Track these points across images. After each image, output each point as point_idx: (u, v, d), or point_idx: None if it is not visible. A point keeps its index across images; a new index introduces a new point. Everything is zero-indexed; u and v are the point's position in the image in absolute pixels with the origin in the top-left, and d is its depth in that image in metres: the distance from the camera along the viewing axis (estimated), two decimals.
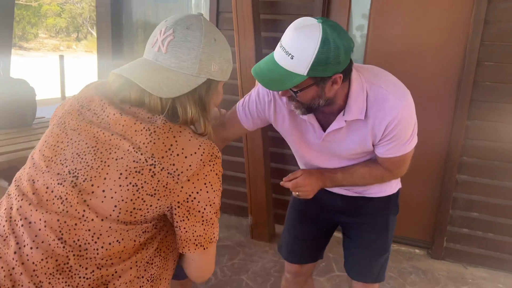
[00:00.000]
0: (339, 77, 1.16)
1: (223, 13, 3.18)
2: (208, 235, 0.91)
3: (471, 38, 2.60)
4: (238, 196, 3.38)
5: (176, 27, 0.89)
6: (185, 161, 0.84)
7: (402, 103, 1.24)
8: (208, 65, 0.90)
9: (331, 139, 1.35)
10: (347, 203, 1.55)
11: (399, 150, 1.33)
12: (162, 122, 0.86)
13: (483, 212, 2.79)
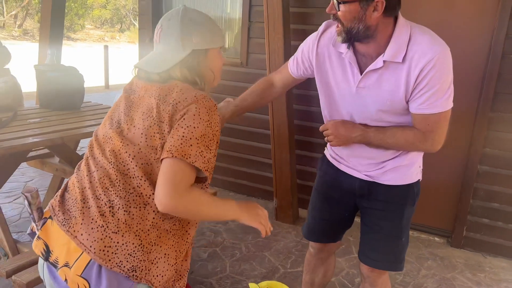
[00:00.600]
0: (381, 3, 1.22)
1: (255, 6, 3.34)
2: (183, 150, 1.03)
3: (496, 31, 2.64)
4: (265, 180, 3.57)
5: (163, 21, 1.19)
6: (182, 96, 1.10)
7: (440, 48, 1.27)
8: (189, 39, 1.16)
9: (366, 84, 1.37)
10: (363, 187, 1.58)
11: (434, 105, 1.31)
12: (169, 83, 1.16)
13: (504, 203, 2.83)
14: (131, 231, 1.05)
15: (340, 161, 1.64)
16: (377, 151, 1.49)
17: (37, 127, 2.31)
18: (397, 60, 1.30)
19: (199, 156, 1.05)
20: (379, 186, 1.55)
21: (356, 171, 1.59)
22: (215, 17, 3.71)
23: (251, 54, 3.46)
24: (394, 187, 1.54)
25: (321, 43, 1.49)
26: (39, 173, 3.89)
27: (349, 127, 1.45)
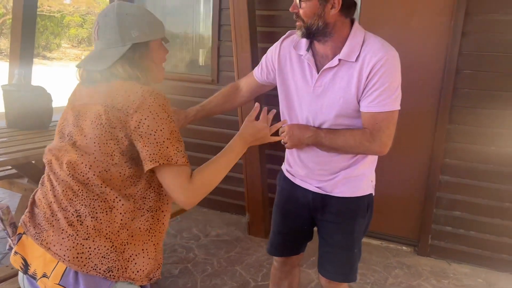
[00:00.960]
0: (338, 0, 1.35)
1: (224, 26, 3.44)
2: (164, 154, 1.08)
3: (450, 48, 2.79)
4: (237, 195, 3.61)
5: (99, 18, 1.19)
6: (128, 99, 1.09)
7: (390, 50, 1.39)
8: (128, 33, 1.16)
9: (323, 82, 1.46)
10: (317, 200, 1.64)
11: (383, 104, 1.39)
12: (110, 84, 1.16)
13: (465, 211, 2.95)
14: (101, 235, 1.10)
15: (294, 174, 1.71)
16: (328, 158, 1.56)
17: (3, 147, 2.31)
18: (351, 60, 1.41)
19: (178, 153, 1.10)
20: (332, 198, 1.61)
21: (309, 184, 1.65)
22: (187, 36, 3.79)
23: (221, 71, 3.54)
24: (345, 199, 1.60)
25: (283, 46, 1.60)
26: (8, 193, 3.84)
27: (302, 128, 1.53)
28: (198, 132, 3.65)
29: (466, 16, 2.72)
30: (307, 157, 1.61)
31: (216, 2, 3.42)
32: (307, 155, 1.61)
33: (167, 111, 1.11)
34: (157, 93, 1.12)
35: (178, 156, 1.10)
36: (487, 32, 2.70)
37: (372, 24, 3.01)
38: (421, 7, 2.89)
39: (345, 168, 1.57)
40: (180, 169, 1.12)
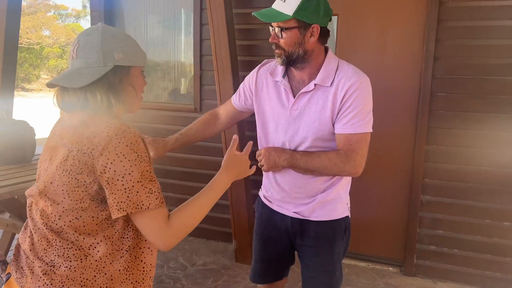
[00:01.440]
0: (317, 29, 1.45)
1: (205, 56, 3.52)
2: (133, 201, 1.03)
3: (423, 72, 2.92)
4: (223, 222, 3.60)
5: (80, 37, 1.14)
6: (93, 140, 1.04)
7: (363, 76, 1.50)
8: (111, 55, 1.11)
9: (299, 106, 1.53)
10: (295, 225, 1.67)
11: (356, 126, 1.47)
12: (80, 118, 1.10)
13: (448, 229, 3.01)
14: (75, 283, 1.08)
15: (271, 200, 1.75)
16: (304, 181, 1.59)
17: None
18: (326, 85, 1.50)
19: (150, 195, 1.05)
20: (310, 223, 1.64)
21: (286, 210, 1.68)
22: (169, 66, 3.85)
23: (203, 100, 3.60)
24: (323, 223, 1.63)
25: (260, 73, 1.67)
26: None
27: (279, 150, 1.57)
28: (183, 160, 3.66)
29: (437, 42, 2.85)
30: (284, 180, 1.65)
31: (197, 33, 3.50)
32: (283, 178, 1.65)
33: (136, 150, 1.05)
34: (124, 130, 1.05)
35: (150, 199, 1.05)
36: (457, 57, 2.84)
37: (348, 51, 3.13)
38: (394, 34, 3.02)
39: (321, 191, 1.61)
40: (154, 213, 1.07)
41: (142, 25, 3.86)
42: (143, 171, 1.05)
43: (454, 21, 2.81)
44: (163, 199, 1.09)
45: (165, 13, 3.77)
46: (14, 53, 3.96)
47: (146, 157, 1.07)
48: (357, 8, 3.09)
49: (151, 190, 1.06)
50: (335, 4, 3.13)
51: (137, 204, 1.04)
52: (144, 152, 1.07)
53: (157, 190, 1.08)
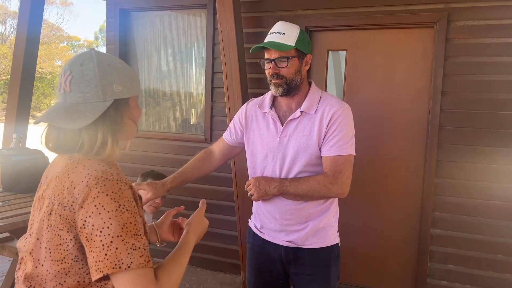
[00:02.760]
0: (309, 58, 1.64)
1: (217, 88, 3.60)
2: (112, 260, 0.89)
3: (432, 106, 2.96)
4: (231, 254, 3.58)
5: (72, 67, 1.00)
6: (73, 192, 0.93)
7: (345, 105, 1.64)
8: (110, 88, 1.00)
9: (287, 132, 1.63)
10: (289, 254, 1.69)
11: (342, 148, 1.58)
12: (64, 164, 1.00)
13: (459, 264, 2.97)
14: None
15: (262, 230, 1.77)
16: (294, 207, 1.64)
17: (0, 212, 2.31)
18: (310, 112, 1.63)
19: (133, 252, 0.91)
20: (303, 251, 1.67)
21: (278, 239, 1.70)
22: (181, 97, 3.94)
23: (214, 130, 3.65)
24: (317, 250, 1.67)
25: (249, 107, 1.79)
26: None
27: (268, 179, 1.64)
28: (193, 190, 3.68)
29: (444, 77, 2.91)
30: (274, 208, 1.69)
31: (209, 66, 3.60)
32: (273, 206, 1.69)
33: (118, 199, 0.92)
34: (106, 178, 0.94)
35: (133, 257, 0.90)
36: (465, 92, 2.89)
37: (355, 85, 3.20)
38: (401, 69, 3.09)
39: (311, 217, 1.66)
40: (138, 273, 0.91)
41: (156, 57, 3.98)
42: (125, 223, 0.91)
43: (461, 57, 2.88)
44: (149, 257, 0.95)
45: (178, 46, 3.90)
46: (31, 82, 4.08)
47: (130, 207, 0.94)
48: (365, 44, 3.18)
49: (134, 246, 0.92)
50: (343, 39, 3.23)
51: (115, 263, 0.89)
52: (129, 202, 0.95)
53: (143, 246, 0.94)
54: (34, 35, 3.93)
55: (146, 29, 3.98)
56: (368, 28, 3.15)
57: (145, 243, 0.95)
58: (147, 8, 3.89)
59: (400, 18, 3.01)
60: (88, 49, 1.05)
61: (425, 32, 3.01)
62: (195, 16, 3.77)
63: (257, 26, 3.42)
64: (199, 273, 3.64)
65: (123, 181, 0.97)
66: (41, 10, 4.00)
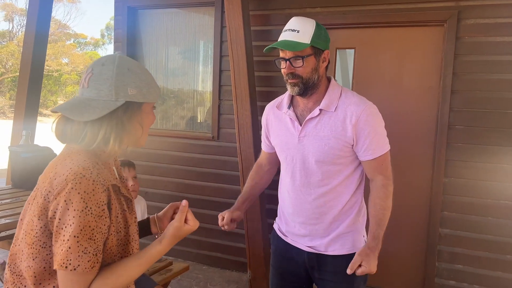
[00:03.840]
0: (327, 54, 1.56)
1: (224, 86, 3.60)
2: (62, 257, 0.94)
3: (441, 105, 2.94)
4: (238, 251, 3.59)
5: (94, 66, 1.07)
6: (53, 183, 0.98)
7: (366, 103, 1.56)
8: (124, 90, 1.04)
9: (306, 132, 1.58)
10: (312, 259, 1.66)
11: (382, 148, 1.56)
12: (60, 155, 1.06)
13: (467, 264, 2.96)
14: None
15: (286, 234, 1.75)
16: (318, 211, 1.61)
17: (9, 208, 2.33)
18: (330, 110, 1.56)
19: (83, 255, 0.95)
20: (326, 257, 1.63)
21: (301, 244, 1.68)
22: (188, 95, 3.94)
23: (221, 129, 3.65)
24: (340, 257, 1.62)
25: (267, 111, 1.79)
26: (5, 254, 3.77)
27: (365, 253, 1.50)
28: (200, 188, 3.69)
29: (454, 76, 2.89)
30: (297, 211, 1.66)
31: (217, 64, 3.60)
32: (296, 210, 1.66)
33: (87, 200, 0.95)
34: (84, 176, 0.97)
35: (80, 260, 0.94)
36: (475, 90, 2.87)
37: (364, 84, 3.18)
38: (410, 68, 3.07)
39: (335, 221, 1.62)
40: (78, 277, 0.96)
41: (163, 55, 3.98)
42: (84, 226, 0.95)
43: (472, 55, 2.85)
44: (95, 263, 0.98)
45: (185, 44, 3.90)
46: (39, 80, 4.11)
47: (96, 211, 0.97)
48: (374, 42, 3.16)
49: (86, 249, 0.95)
50: (352, 38, 3.21)
51: (63, 261, 0.94)
52: (97, 204, 0.97)
53: (93, 251, 0.97)
54: (42, 33, 3.95)
55: (153, 26, 3.99)
56: (377, 26, 3.13)
57: (97, 249, 0.98)
58: (155, 5, 3.89)
59: (410, 16, 2.99)
60: (117, 53, 1.11)
61: (435, 30, 2.98)
62: (203, 14, 3.77)
63: (265, 24, 3.41)
64: (206, 271, 3.65)
65: (99, 182, 0.98)
66: (49, 8, 4.02)
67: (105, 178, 1.02)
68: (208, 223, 3.67)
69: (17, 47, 23.91)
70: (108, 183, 1.02)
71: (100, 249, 0.99)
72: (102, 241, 1.00)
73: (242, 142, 3.26)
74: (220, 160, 3.64)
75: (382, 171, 1.60)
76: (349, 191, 1.62)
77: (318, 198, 1.61)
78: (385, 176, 1.61)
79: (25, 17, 14.90)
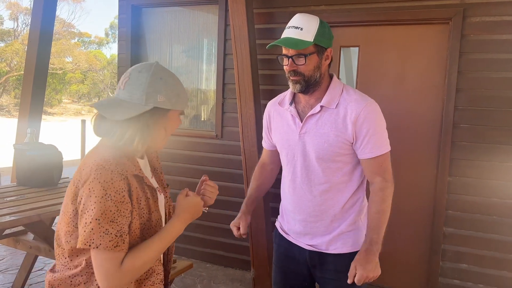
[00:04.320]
0: (330, 52, 1.56)
1: (228, 85, 3.60)
2: (85, 237, 1.06)
3: (446, 103, 2.93)
4: (242, 250, 3.59)
5: (132, 71, 1.19)
6: (82, 172, 1.11)
7: (367, 101, 1.55)
8: (154, 96, 1.15)
9: (307, 128, 1.58)
10: (314, 258, 1.65)
11: (381, 148, 1.54)
12: (93, 148, 1.19)
13: (472, 263, 2.94)
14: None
15: (288, 232, 1.74)
16: (319, 209, 1.61)
17: (14, 205, 2.34)
18: (331, 107, 1.56)
19: (104, 236, 1.06)
20: (328, 256, 1.63)
21: (302, 243, 1.68)
22: (192, 94, 3.94)
23: (225, 127, 3.65)
24: (342, 255, 1.61)
25: (269, 106, 1.78)
26: (10, 251, 3.79)
27: (363, 261, 1.50)
28: None
29: (459, 74, 2.88)
30: (297, 209, 1.66)
31: (221, 62, 3.60)
32: (297, 208, 1.66)
33: (107, 188, 1.07)
34: (104, 167, 1.09)
35: (103, 240, 1.06)
36: (480, 89, 2.85)
37: (368, 82, 3.17)
38: (415, 66, 3.06)
39: (336, 219, 1.61)
40: (105, 255, 1.08)
41: (167, 54, 3.99)
42: (105, 210, 1.07)
43: (477, 53, 2.84)
44: (119, 243, 1.08)
45: (189, 43, 3.90)
46: (44, 78, 4.12)
47: (116, 198, 1.08)
48: (378, 40, 3.15)
49: (107, 231, 1.07)
50: (356, 36, 3.20)
51: (87, 241, 1.06)
52: (117, 192, 1.09)
53: (116, 233, 1.08)
54: (47, 32, 3.96)
55: (157, 25, 3.99)
56: (381, 24, 3.12)
57: (119, 231, 1.09)
58: (158, 4, 3.89)
59: (415, 14, 2.97)
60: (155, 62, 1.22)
61: (440, 28, 2.97)
62: (206, 12, 3.76)
63: (269, 22, 3.41)
64: (210, 269, 3.65)
65: (118, 172, 1.11)
66: (54, 7, 4.04)
67: (124, 169, 1.13)
68: (211, 221, 3.68)
69: (21, 46, 24.02)
70: (128, 173, 1.14)
71: (124, 231, 1.10)
72: (126, 224, 1.11)
73: (245, 140, 3.26)
74: (223, 158, 3.64)
75: (381, 173, 1.58)
76: (350, 189, 1.62)
77: (319, 195, 1.61)
78: (383, 178, 1.58)
79: (30, 16, 14.78)
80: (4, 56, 24.08)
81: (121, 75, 4.22)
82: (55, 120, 21.74)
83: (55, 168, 2.81)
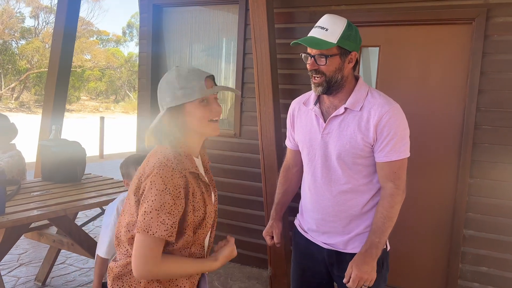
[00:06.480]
0: (355, 55, 1.55)
1: (247, 84, 3.62)
2: (144, 223, 1.16)
3: (467, 104, 2.90)
4: (259, 248, 3.61)
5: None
6: (146, 169, 1.23)
7: (392, 105, 1.55)
8: (164, 100, 1.28)
9: (330, 129, 1.59)
10: (332, 256, 1.67)
11: (399, 151, 1.53)
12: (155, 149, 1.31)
13: (492, 266, 2.91)
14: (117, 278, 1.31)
15: (306, 230, 1.76)
16: (338, 209, 1.62)
17: (40, 200, 2.41)
18: (355, 109, 1.56)
19: (161, 225, 1.16)
20: (346, 255, 1.64)
21: (320, 242, 1.69)
22: None
23: (243, 126, 3.68)
24: None
25: (293, 107, 1.80)
26: (32, 244, 3.89)
27: (360, 263, 1.52)
28: (221, 184, 3.72)
29: (482, 75, 2.84)
30: (316, 209, 1.67)
31: (240, 61, 3.62)
32: (316, 207, 1.67)
33: (167, 183, 1.18)
34: (166, 165, 1.20)
35: (159, 228, 1.16)
36: (503, 90, 2.81)
37: (388, 82, 3.15)
38: (436, 66, 3.03)
39: (354, 220, 1.62)
40: (154, 242, 1.17)
41: (187, 53, 4.03)
42: (164, 202, 1.17)
43: (500, 54, 2.80)
44: (172, 234, 1.18)
45: (209, 42, 3.94)
46: (67, 75, 4.21)
47: (174, 192, 1.18)
48: (399, 40, 3.13)
49: (164, 221, 1.17)
50: (377, 36, 3.19)
51: (145, 227, 1.16)
52: (175, 187, 1.18)
53: (171, 224, 1.18)
54: (70, 31, 4.05)
55: (178, 24, 4.04)
56: (402, 24, 3.09)
57: (174, 223, 1.19)
58: (179, 3, 3.94)
59: (437, 14, 2.94)
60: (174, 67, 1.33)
61: (463, 28, 2.93)
62: (226, 12, 3.79)
63: (290, 21, 3.41)
64: (226, 266, 3.69)
65: (178, 170, 1.21)
66: (77, 6, 4.12)
67: (183, 167, 1.23)
68: (229, 219, 3.71)
69: (41, 44, 24.48)
70: (186, 171, 1.24)
71: (177, 223, 1.20)
72: (178, 216, 1.20)
73: (264, 139, 3.28)
74: (242, 157, 3.67)
75: (393, 179, 1.56)
76: (370, 191, 1.62)
77: (338, 195, 1.62)
78: (395, 185, 1.57)
79: (50, 14, 14.90)
80: (25, 53, 24.59)
81: (141, 74, 4.31)
82: (74, 117, 22.11)
83: (79, 164, 2.88)
